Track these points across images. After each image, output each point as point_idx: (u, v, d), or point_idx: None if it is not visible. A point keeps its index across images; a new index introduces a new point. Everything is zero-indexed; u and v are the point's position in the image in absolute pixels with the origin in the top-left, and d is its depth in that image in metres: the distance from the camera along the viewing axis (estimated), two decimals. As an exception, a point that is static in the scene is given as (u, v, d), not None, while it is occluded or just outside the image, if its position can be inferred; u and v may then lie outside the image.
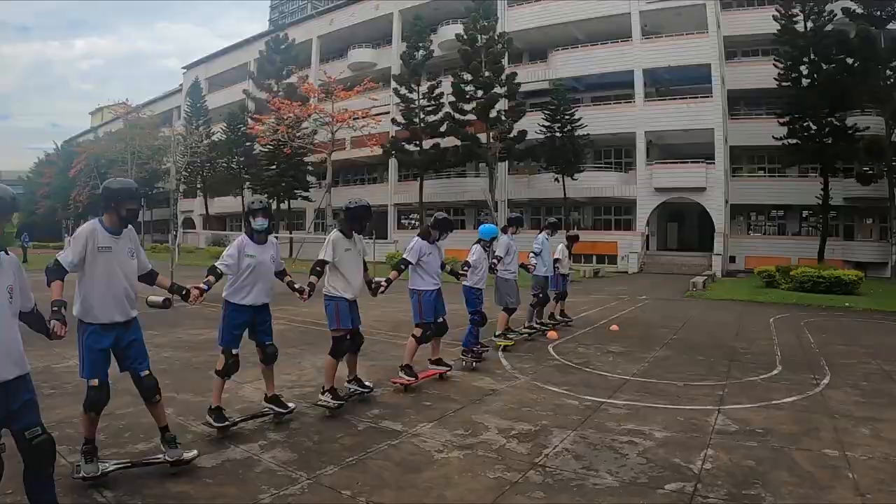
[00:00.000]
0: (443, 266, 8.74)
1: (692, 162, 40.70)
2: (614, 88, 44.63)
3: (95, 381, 4.86)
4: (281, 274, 6.74)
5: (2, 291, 3.73)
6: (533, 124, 41.29)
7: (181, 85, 73.14)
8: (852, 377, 9.40)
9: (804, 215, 43.27)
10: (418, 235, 8.65)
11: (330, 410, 6.93)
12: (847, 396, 8.21)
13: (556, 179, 41.68)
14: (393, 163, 50.30)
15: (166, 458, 5.15)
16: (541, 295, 12.91)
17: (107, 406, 5.06)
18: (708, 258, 38.76)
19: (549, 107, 41.24)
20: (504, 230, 11.54)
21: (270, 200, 50.41)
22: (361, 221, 7.47)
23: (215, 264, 6.19)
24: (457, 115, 41.98)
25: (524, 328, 12.64)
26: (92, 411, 4.92)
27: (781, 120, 37.50)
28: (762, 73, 40.59)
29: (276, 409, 6.62)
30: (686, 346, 12.24)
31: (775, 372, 9.75)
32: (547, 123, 41.06)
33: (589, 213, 47.02)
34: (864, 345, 12.71)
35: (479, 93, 40.87)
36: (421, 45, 44.20)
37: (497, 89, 40.86)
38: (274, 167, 49.90)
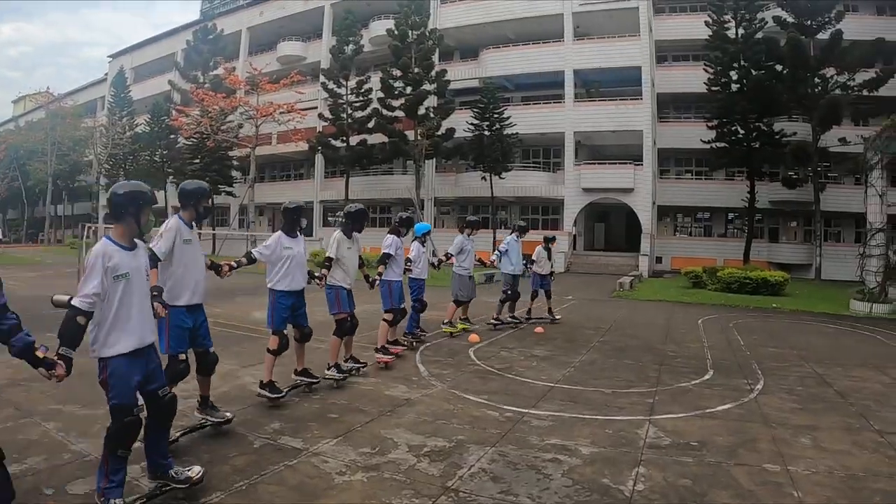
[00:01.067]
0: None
1: (620, 163, 40.76)
2: (545, 88, 44.44)
3: (183, 356, 5.68)
4: None
5: (141, 271, 4.47)
6: (462, 122, 40.88)
7: (107, 74, 70.56)
8: (786, 381, 9.12)
9: (730, 217, 43.94)
10: (389, 232, 10.28)
11: (337, 382, 8.26)
12: (783, 403, 7.87)
13: (484, 178, 41.25)
14: (319, 159, 49.22)
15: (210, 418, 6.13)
16: (509, 292, 14.06)
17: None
18: (635, 258, 38.79)
19: (479, 105, 40.76)
20: (461, 230, 13.31)
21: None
22: (360, 223, 8.86)
23: (251, 251, 7.36)
24: (385, 112, 41.32)
25: (492, 319, 13.90)
26: (174, 383, 5.39)
27: (710, 124, 37.86)
28: (692, 78, 41.12)
29: (307, 380, 7.88)
30: (614, 348, 11.77)
31: (707, 377, 9.34)
32: (476, 121, 40.60)
33: (516, 213, 46.65)
34: (794, 346, 12.51)
35: (409, 89, 40.28)
36: (351, 39, 43.28)
37: (426, 86, 40.39)
38: (197, 161, 48.30)
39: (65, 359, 4.00)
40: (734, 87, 36.64)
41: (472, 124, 40.53)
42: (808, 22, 34.50)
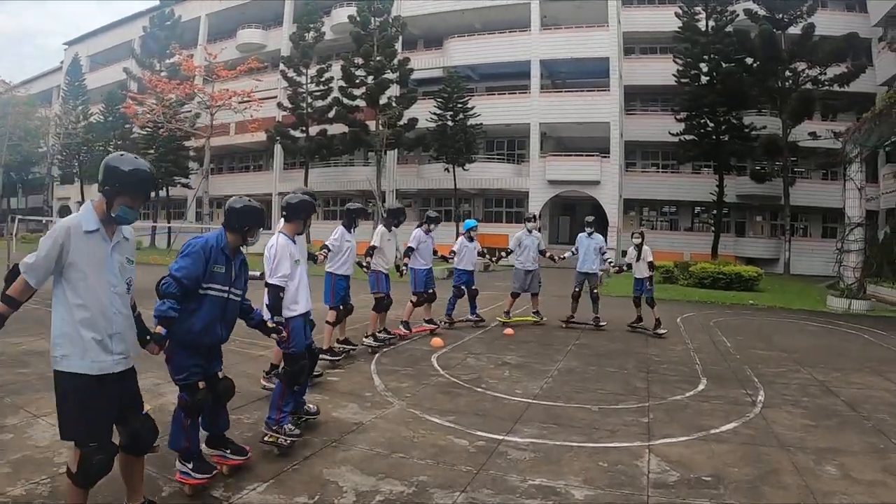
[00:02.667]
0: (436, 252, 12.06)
1: (587, 155, 40.24)
2: (510, 79, 43.76)
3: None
4: None
5: (304, 256, 6.36)
6: (425, 112, 39.96)
7: (62, 63, 68.14)
8: (788, 391, 8.24)
9: (696, 211, 43.70)
10: (418, 227, 11.71)
11: (371, 349, 10.08)
12: (792, 419, 6.95)
13: (447, 170, 40.51)
14: (278, 150, 47.75)
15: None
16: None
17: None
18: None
19: (442, 94, 39.98)
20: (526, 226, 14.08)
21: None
22: (398, 218, 10.70)
23: (326, 243, 9.03)
24: (346, 101, 40.24)
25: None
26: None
27: (679, 116, 37.78)
28: (659, 70, 41.11)
29: (349, 346, 9.77)
30: (593, 353, 10.63)
31: (701, 387, 8.32)
32: (439, 111, 39.87)
33: (479, 205, 46.03)
34: (784, 348, 11.71)
35: (370, 78, 39.17)
36: (312, 26, 42.05)
37: (389, 75, 39.42)
38: (152, 151, 46.61)
39: (280, 324, 5.56)
40: (704, 79, 36.49)
41: (435, 114, 39.75)
42: (780, 16, 34.47)
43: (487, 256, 14.50)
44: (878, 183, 34.31)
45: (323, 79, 41.50)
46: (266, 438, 5.47)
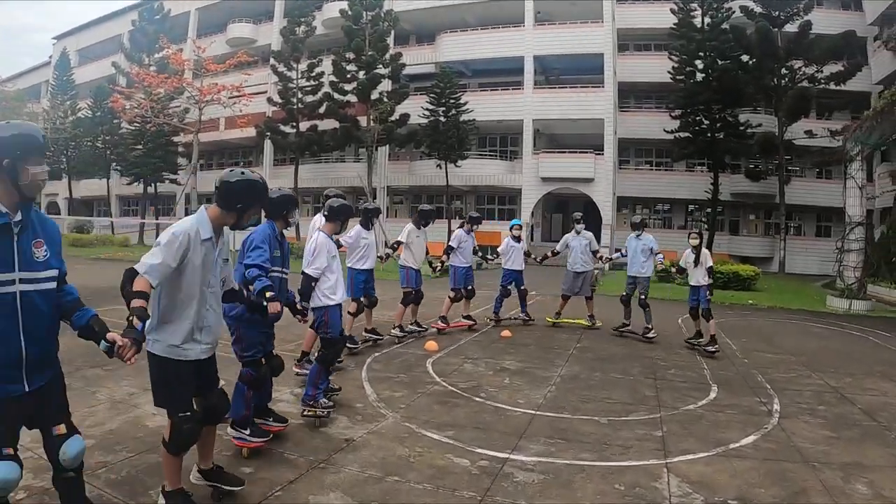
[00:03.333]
0: (475, 251, 12.53)
1: (581, 152, 40.10)
2: (503, 75, 43.45)
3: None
4: None
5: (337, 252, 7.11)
6: (417, 108, 39.65)
7: (51, 57, 67.25)
8: (802, 399, 7.87)
9: (690, 209, 43.94)
10: (459, 227, 12.56)
11: (398, 339, 10.71)
12: (812, 430, 6.55)
13: (439, 166, 40.13)
14: (268, 146, 47.39)
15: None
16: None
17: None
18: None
19: (435, 90, 39.60)
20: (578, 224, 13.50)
21: (137, 183, 47.89)
22: (428, 219, 11.35)
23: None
24: (337, 96, 39.83)
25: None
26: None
27: (674, 114, 37.55)
28: (653, 67, 41.26)
29: (375, 336, 10.40)
30: (596, 357, 10.14)
31: (713, 395, 7.87)
32: (431, 107, 39.45)
33: (472, 202, 45.67)
34: (791, 351, 11.37)
35: (362, 73, 38.74)
36: (303, 20, 41.69)
37: (380, 69, 38.95)
38: (140, 147, 46.10)
39: (306, 310, 6.13)
40: (699, 76, 36.25)
41: (427, 110, 39.37)
42: (776, 13, 34.20)
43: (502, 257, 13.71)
44: (873, 182, 34.09)
45: (314, 74, 41.04)
46: (306, 413, 6.20)
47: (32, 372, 3.27)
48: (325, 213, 6.94)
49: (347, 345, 9.01)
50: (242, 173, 4.24)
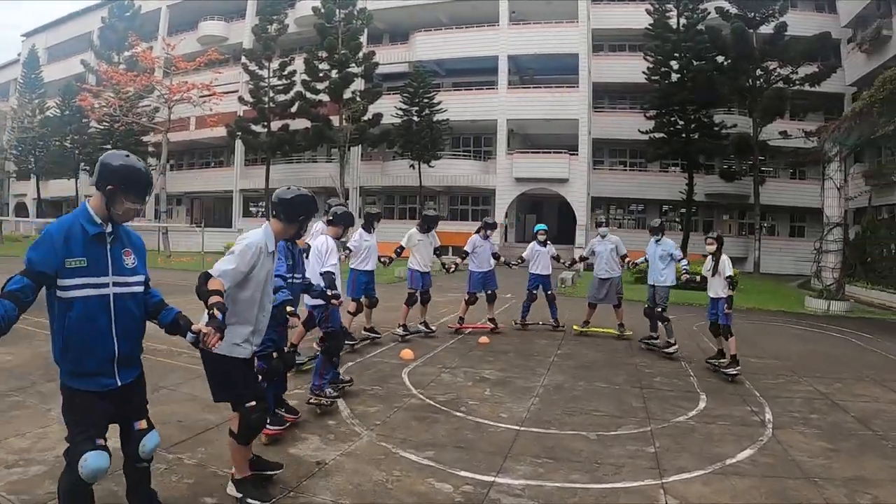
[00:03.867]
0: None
1: (555, 152, 39.96)
2: (477, 74, 43.18)
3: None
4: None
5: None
6: (390, 108, 39.32)
7: (19, 54, 65.96)
8: (794, 407, 7.65)
9: (664, 210, 43.89)
10: (475, 233, 12.54)
11: (401, 338, 11.01)
12: (809, 441, 6.31)
13: (412, 166, 39.89)
14: (239, 146, 46.63)
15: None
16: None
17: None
18: (569, 251, 37.53)
19: (408, 89, 39.33)
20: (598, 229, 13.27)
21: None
22: (430, 224, 11.72)
23: (348, 244, 10.16)
24: (309, 95, 39.28)
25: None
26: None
27: (649, 114, 37.55)
28: (627, 68, 41.36)
29: (373, 335, 10.88)
30: (578, 365, 9.76)
31: (702, 405, 7.55)
32: (405, 106, 39.19)
33: (445, 203, 45.47)
34: (774, 355, 11.20)
35: (334, 72, 38.26)
36: (275, 18, 41.21)
37: (353, 68, 38.53)
38: (109, 147, 45.00)
39: (337, 296, 6.69)
40: (674, 77, 36.21)
41: (400, 109, 39.11)
42: (752, 14, 34.23)
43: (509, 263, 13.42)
44: (846, 183, 34.23)
45: (285, 72, 40.60)
46: (311, 401, 6.80)
47: (123, 368, 3.59)
48: (330, 218, 7.55)
49: (347, 341, 9.43)
50: (297, 189, 4.93)
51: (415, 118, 38.99)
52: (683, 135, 36.20)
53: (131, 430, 3.70)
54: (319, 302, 6.85)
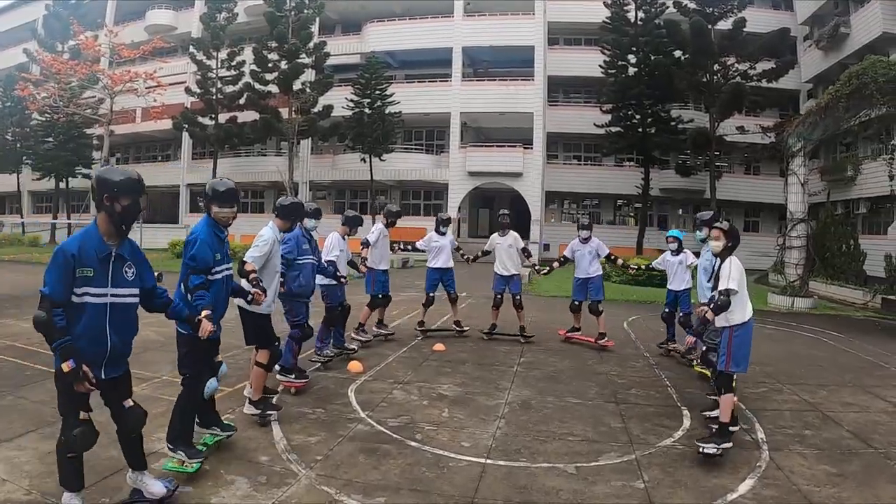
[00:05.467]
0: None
1: (509, 146, 39.44)
2: (431, 66, 42.43)
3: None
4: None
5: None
6: (341, 100, 38.35)
7: (-39, 45, 63.43)
8: (785, 422, 7.08)
9: (618, 204, 44.15)
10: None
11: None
12: (810, 465, 5.71)
13: (364, 160, 38.97)
14: (186, 138, 45.36)
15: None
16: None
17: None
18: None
19: (360, 81, 38.49)
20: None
21: (49, 178, 45.86)
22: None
23: (416, 244, 11.99)
24: (258, 86, 38.11)
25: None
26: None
27: (605, 108, 37.46)
28: (583, 62, 41.20)
29: (459, 329, 11.91)
30: (544, 375, 8.92)
31: (687, 423, 6.84)
32: (356, 98, 38.28)
33: (396, 197, 44.57)
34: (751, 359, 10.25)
35: (284, 62, 37.20)
36: (225, 6, 40.10)
37: (303, 59, 37.46)
38: (51, 139, 43.98)
39: (344, 277, 9.17)
40: (631, 71, 36.14)
41: (351, 100, 38.20)
42: (710, 9, 33.90)
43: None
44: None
45: (234, 63, 39.39)
46: (312, 359, 8.97)
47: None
48: (344, 219, 9.58)
49: (361, 339, 10.63)
50: (293, 198, 7.19)
51: (366, 110, 38.12)
52: (640, 129, 36.11)
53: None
54: (326, 282, 8.86)
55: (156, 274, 4.89)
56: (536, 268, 12.45)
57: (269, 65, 37.48)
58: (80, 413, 4.10)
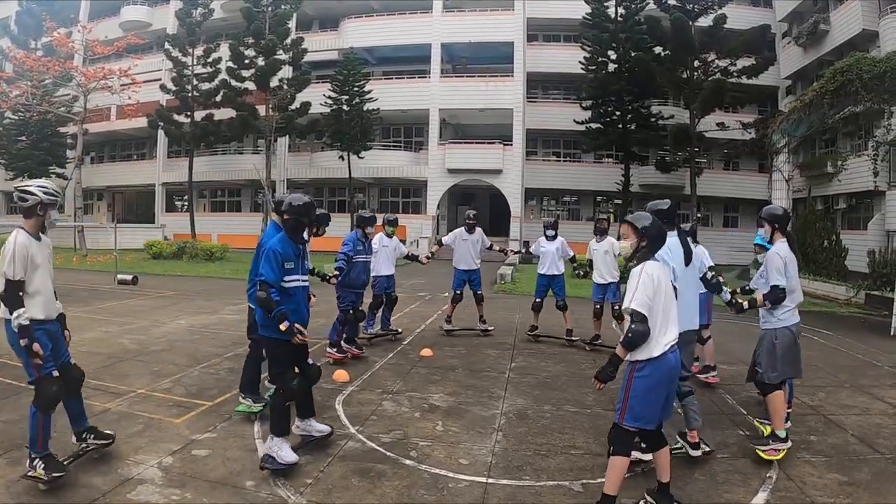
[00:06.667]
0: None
1: (489, 143, 39.55)
2: (409, 63, 42.46)
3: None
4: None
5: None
6: (319, 97, 38.07)
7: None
8: (789, 428, 6.44)
9: (598, 200, 44.06)
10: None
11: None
12: (820, 473, 5.51)
13: (342, 157, 38.71)
14: (162, 137, 44.73)
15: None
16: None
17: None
18: (504, 243, 37.16)
19: (338, 77, 38.17)
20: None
21: (22, 178, 43.20)
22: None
23: (440, 238, 12.42)
24: (234, 83, 37.68)
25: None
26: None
27: (585, 104, 37.33)
28: (563, 58, 41.27)
29: (486, 327, 12.11)
30: (539, 382, 8.60)
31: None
32: (334, 95, 37.96)
33: (375, 195, 44.63)
34: (741, 358, 10.20)
35: (261, 59, 36.80)
36: (200, 2, 39.54)
37: (280, 55, 37.03)
38: (24, 138, 43.12)
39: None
40: (611, 67, 36.07)
41: (329, 97, 37.87)
42: (691, 6, 33.97)
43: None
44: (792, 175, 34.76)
45: (210, 59, 38.72)
46: (360, 336, 10.47)
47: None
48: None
49: (395, 331, 11.56)
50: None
51: (344, 107, 37.80)
52: (620, 125, 36.09)
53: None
54: (375, 273, 10.63)
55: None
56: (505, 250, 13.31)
57: (246, 61, 37.06)
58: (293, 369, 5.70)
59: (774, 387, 5.83)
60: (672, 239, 5.45)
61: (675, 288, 4.76)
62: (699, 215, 37.46)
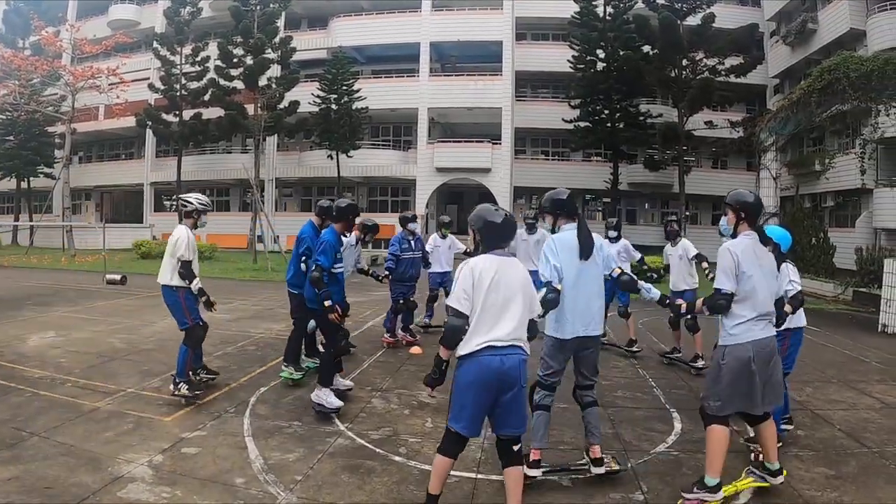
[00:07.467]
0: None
1: (477, 141, 39.71)
2: (398, 62, 42.58)
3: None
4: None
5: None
6: (307, 96, 38.14)
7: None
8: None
9: (586, 199, 44.15)
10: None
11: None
12: (807, 467, 5.61)
13: (330, 156, 38.79)
14: (150, 136, 44.65)
15: None
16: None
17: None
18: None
19: (327, 76, 38.17)
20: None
21: (10, 178, 44.70)
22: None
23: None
24: (223, 82, 37.69)
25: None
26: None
27: (573, 103, 37.51)
28: (551, 57, 41.41)
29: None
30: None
31: (679, 426, 6.64)
32: (323, 94, 37.98)
33: (364, 194, 44.58)
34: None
35: (249, 58, 36.79)
36: (188, 0, 39.53)
37: (269, 54, 37.06)
38: (12, 138, 43.11)
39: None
40: (600, 66, 36.21)
41: (318, 96, 37.90)
42: (679, 4, 34.22)
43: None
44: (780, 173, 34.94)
45: (199, 58, 38.78)
46: (418, 325, 11.73)
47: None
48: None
49: (428, 327, 11.96)
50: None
51: (333, 106, 37.80)
52: (608, 124, 36.24)
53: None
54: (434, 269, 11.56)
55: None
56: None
57: (235, 60, 37.06)
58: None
59: (716, 419, 4.70)
60: (566, 234, 5.40)
61: (555, 290, 4.90)
62: (687, 213, 37.43)
